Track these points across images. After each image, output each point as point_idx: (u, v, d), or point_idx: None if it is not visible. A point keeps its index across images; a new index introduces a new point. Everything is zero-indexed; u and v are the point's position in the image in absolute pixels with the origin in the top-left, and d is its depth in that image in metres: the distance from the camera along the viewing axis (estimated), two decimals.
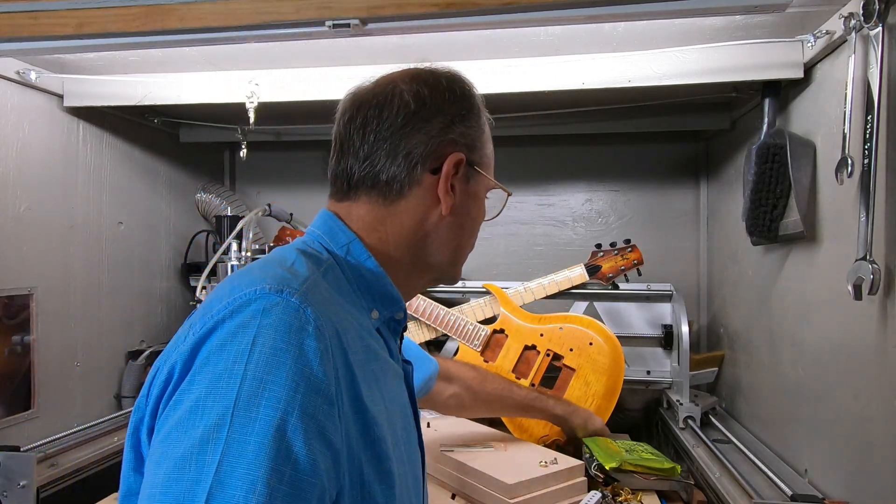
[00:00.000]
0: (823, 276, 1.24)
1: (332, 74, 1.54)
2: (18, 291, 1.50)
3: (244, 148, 1.91)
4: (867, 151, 1.00)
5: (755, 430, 1.61)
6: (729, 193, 1.86)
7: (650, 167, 2.18)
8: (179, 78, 1.61)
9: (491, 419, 1.71)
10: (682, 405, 1.66)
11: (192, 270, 2.13)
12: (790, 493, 1.17)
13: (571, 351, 1.70)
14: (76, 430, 1.57)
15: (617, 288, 1.86)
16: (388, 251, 0.75)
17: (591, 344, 1.69)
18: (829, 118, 1.22)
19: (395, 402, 0.73)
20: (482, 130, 0.79)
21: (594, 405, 1.65)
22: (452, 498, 1.35)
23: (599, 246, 1.86)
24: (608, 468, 1.31)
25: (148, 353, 1.88)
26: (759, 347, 1.59)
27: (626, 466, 1.33)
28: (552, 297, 1.84)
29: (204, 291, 1.80)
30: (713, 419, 1.71)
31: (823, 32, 1.22)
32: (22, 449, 1.33)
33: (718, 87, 1.50)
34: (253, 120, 1.58)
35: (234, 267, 1.84)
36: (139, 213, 1.96)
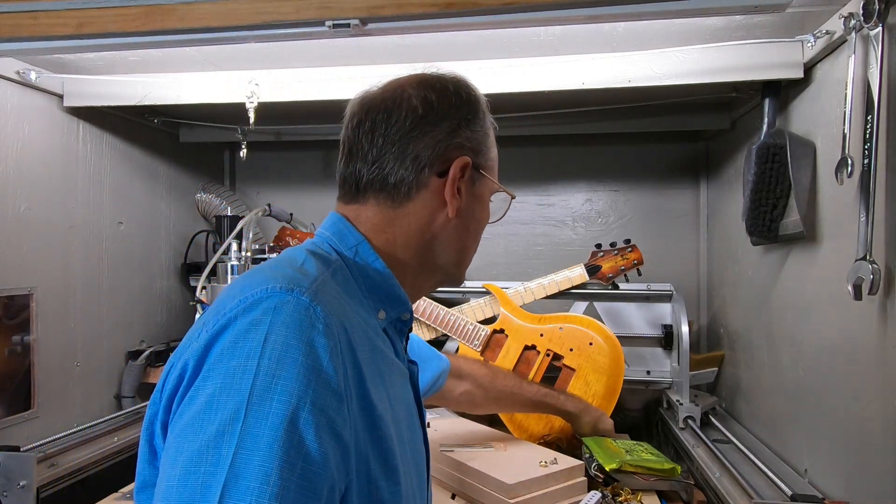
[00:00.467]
0: (823, 276, 1.24)
1: (332, 74, 1.54)
2: (18, 291, 1.50)
3: (244, 148, 1.91)
4: (867, 151, 1.00)
5: (755, 430, 1.61)
6: (729, 193, 1.86)
7: (650, 167, 2.18)
8: (179, 78, 1.62)
9: (490, 419, 1.71)
10: (682, 405, 1.67)
11: (192, 270, 2.13)
12: (790, 493, 1.18)
13: (571, 351, 1.70)
14: (76, 430, 1.57)
15: (617, 288, 1.86)
16: (395, 253, 0.76)
17: (591, 344, 1.69)
18: (829, 118, 1.22)
19: (400, 401, 0.73)
20: (487, 134, 0.80)
21: (594, 405, 1.65)
22: (452, 498, 1.35)
23: (599, 246, 1.86)
24: (608, 469, 1.31)
25: (148, 353, 1.87)
26: (758, 347, 1.59)
27: (626, 467, 1.32)
28: (552, 297, 1.84)
29: (204, 291, 1.80)
30: (713, 419, 1.71)
31: (823, 32, 1.22)
32: (22, 449, 1.33)
33: (718, 87, 1.50)
34: (253, 120, 1.58)
35: (234, 267, 1.83)
36: (139, 213, 1.96)
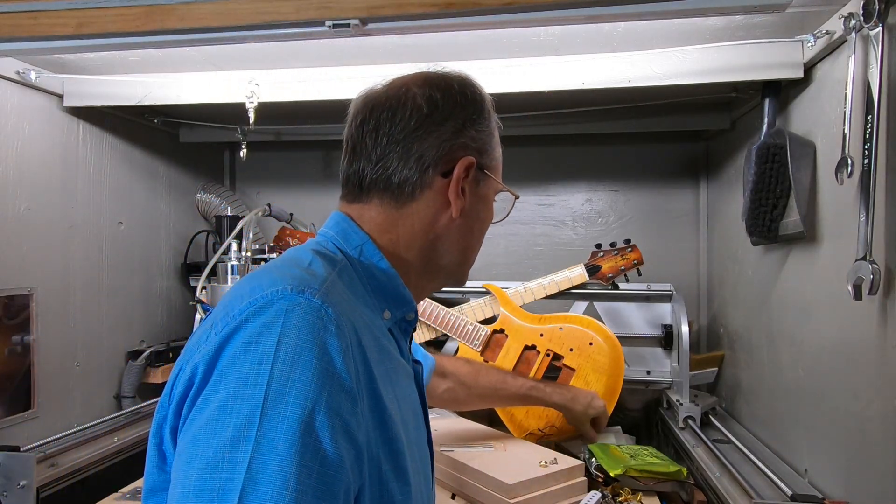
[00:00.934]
0: (823, 276, 1.24)
1: (332, 74, 1.54)
2: (18, 291, 1.50)
3: (244, 148, 1.91)
4: (867, 151, 1.00)
5: (755, 430, 1.61)
6: (729, 193, 1.86)
7: (650, 167, 2.18)
8: (179, 78, 1.61)
9: (490, 419, 1.71)
10: (682, 405, 1.67)
11: (192, 270, 2.13)
12: (790, 493, 1.17)
13: (571, 351, 1.70)
14: (76, 430, 1.57)
15: (617, 288, 1.86)
16: (399, 253, 0.76)
17: (591, 344, 1.69)
18: (829, 118, 1.22)
19: (406, 400, 0.73)
20: (492, 134, 0.80)
21: None
22: (452, 498, 1.35)
23: (599, 246, 1.86)
24: (613, 475, 1.31)
25: (148, 353, 1.87)
26: (758, 347, 1.59)
27: (630, 472, 1.32)
28: (552, 297, 1.84)
29: (204, 291, 1.79)
30: (713, 419, 1.71)
31: (823, 32, 1.22)
32: (22, 449, 1.33)
33: (718, 87, 1.50)
34: (253, 120, 1.58)
35: (234, 267, 1.83)
36: (139, 213, 1.96)
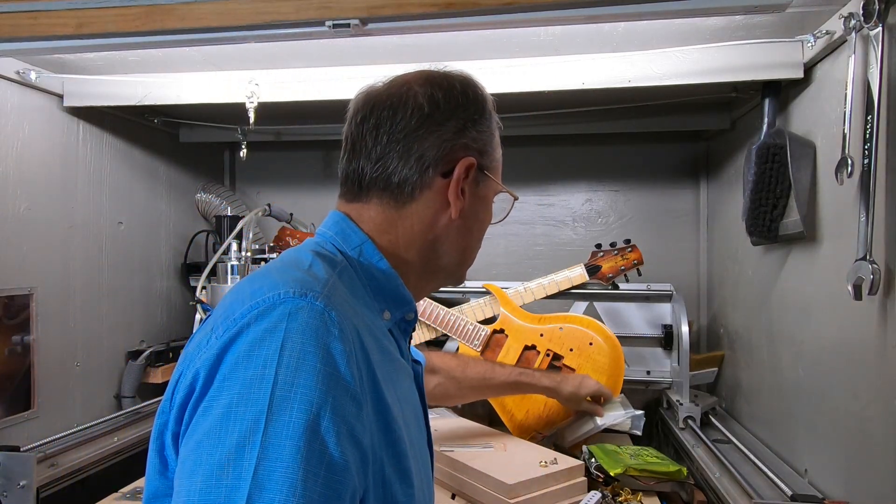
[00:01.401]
0: (823, 276, 1.24)
1: (332, 74, 1.54)
2: (18, 291, 1.50)
3: (244, 148, 1.91)
4: (867, 151, 1.00)
5: (755, 430, 1.61)
6: (729, 193, 1.86)
7: (650, 167, 2.18)
8: (179, 78, 1.61)
9: (490, 419, 1.71)
10: (682, 405, 1.67)
11: (192, 270, 2.13)
12: (790, 493, 1.18)
13: (571, 351, 1.70)
14: (76, 430, 1.56)
15: (617, 288, 1.86)
16: (399, 253, 0.75)
17: (591, 344, 1.69)
18: (829, 118, 1.22)
19: (408, 401, 0.73)
20: (493, 134, 0.79)
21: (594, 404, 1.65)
22: (452, 498, 1.35)
23: (599, 246, 1.86)
24: (613, 474, 1.31)
25: (148, 353, 1.87)
26: (759, 347, 1.59)
27: (631, 472, 1.33)
28: (552, 297, 1.84)
29: (204, 291, 1.79)
30: (713, 419, 1.71)
31: (823, 32, 1.22)
32: (22, 449, 1.33)
33: (718, 87, 1.50)
34: (253, 120, 1.58)
35: (234, 267, 1.83)
36: (139, 213, 1.96)
